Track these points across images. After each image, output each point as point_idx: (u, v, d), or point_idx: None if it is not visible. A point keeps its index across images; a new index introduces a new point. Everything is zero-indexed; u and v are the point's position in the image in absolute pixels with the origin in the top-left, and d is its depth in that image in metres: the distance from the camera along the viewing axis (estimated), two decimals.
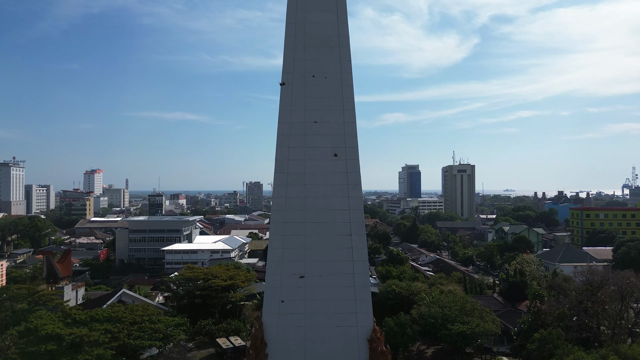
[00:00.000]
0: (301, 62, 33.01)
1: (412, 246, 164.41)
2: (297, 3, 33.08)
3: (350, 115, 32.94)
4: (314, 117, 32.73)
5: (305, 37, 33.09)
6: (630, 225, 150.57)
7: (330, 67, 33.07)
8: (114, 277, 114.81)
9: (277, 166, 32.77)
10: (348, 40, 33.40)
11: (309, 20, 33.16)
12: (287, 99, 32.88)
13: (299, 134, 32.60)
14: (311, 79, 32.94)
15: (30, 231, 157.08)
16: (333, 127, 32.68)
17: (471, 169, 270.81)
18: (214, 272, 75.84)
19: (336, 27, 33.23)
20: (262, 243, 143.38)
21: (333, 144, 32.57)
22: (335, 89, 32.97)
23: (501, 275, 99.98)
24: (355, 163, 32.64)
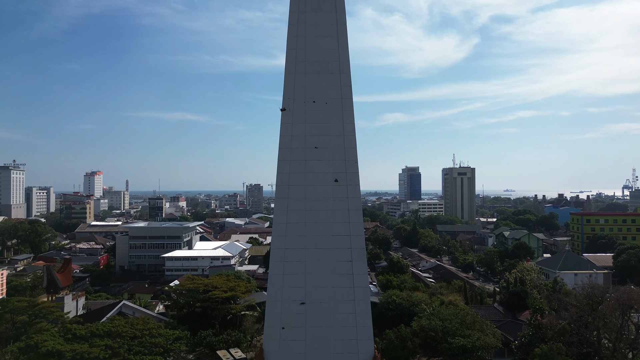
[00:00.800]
0: (302, 88, 33.04)
1: (413, 251, 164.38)
2: (298, 29, 33.10)
3: (351, 141, 32.96)
4: (314, 142, 32.75)
5: (306, 63, 33.12)
6: (630, 231, 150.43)
7: (331, 92, 33.10)
8: (114, 284, 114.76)
9: (278, 192, 32.79)
10: (348, 66, 33.42)
11: (310, 46, 33.20)
12: (288, 125, 32.92)
13: (300, 159, 32.62)
14: (312, 105, 32.98)
15: (30, 236, 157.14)
16: (334, 153, 32.70)
17: (471, 172, 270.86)
18: (214, 283, 75.86)
19: (336, 52, 33.25)
20: (263, 248, 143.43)
21: (334, 170, 32.59)
22: (336, 114, 33.00)
23: (501, 284, 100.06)
24: (356, 189, 32.66)
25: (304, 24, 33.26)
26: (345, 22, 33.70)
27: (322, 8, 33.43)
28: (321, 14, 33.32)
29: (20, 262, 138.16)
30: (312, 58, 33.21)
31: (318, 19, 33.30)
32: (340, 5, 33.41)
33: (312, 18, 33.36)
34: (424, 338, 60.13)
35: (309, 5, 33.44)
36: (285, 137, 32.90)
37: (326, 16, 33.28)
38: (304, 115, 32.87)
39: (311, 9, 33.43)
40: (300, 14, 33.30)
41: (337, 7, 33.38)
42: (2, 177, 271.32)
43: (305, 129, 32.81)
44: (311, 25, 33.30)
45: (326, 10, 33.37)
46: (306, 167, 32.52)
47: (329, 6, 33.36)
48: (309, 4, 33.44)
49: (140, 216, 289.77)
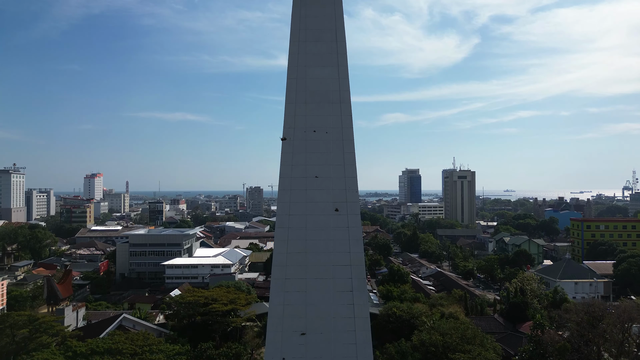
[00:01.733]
0: (302, 117, 33.02)
1: (413, 256, 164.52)
2: (299, 58, 33.11)
3: (351, 170, 32.94)
4: (315, 172, 32.73)
5: (306, 92, 33.10)
6: (630, 237, 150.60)
7: (331, 122, 33.08)
8: (114, 292, 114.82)
9: (279, 221, 32.77)
10: (349, 95, 33.43)
11: (310, 76, 33.17)
12: (289, 154, 32.88)
13: (300, 188, 32.60)
14: (312, 134, 32.95)
15: (30, 242, 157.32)
16: (334, 182, 32.67)
17: (472, 176, 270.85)
18: (214, 295, 76.03)
19: (337, 82, 33.23)
20: (263, 255, 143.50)
21: (334, 199, 32.55)
22: (337, 143, 32.98)
23: (502, 293, 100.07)
24: (357, 218, 32.64)
25: (305, 54, 33.25)
26: (346, 51, 33.70)
27: (322, 38, 33.41)
28: (321, 44, 33.31)
29: (21, 269, 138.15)
30: (313, 87, 33.19)
31: (318, 49, 33.28)
32: (340, 36, 33.39)
33: (313, 48, 33.34)
34: (425, 353, 60.23)
35: (309, 36, 33.42)
36: (286, 166, 32.87)
37: (326, 46, 33.27)
38: (305, 144, 32.84)
39: (312, 39, 33.41)
40: (301, 44, 33.29)
41: (337, 38, 33.36)
42: (3, 180, 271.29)
43: (306, 158, 32.78)
44: (312, 55, 33.28)
45: (326, 40, 33.35)
46: (307, 196, 32.50)
47: (329, 36, 33.34)
48: (310, 34, 33.42)
49: (140, 219, 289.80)
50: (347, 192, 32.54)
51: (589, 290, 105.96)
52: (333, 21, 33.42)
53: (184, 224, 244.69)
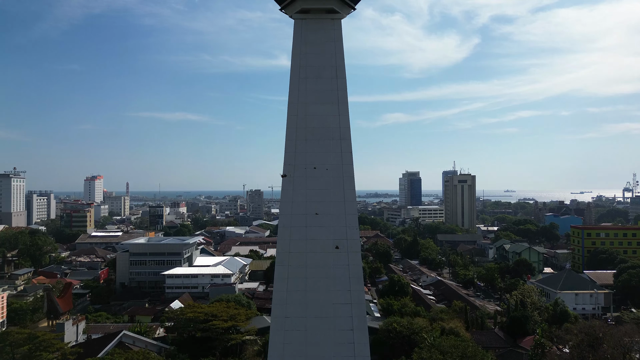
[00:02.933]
0: (302, 154, 32.98)
1: (413, 263, 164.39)
2: (299, 96, 33.05)
3: (352, 207, 32.90)
4: (315, 209, 32.69)
5: (306, 130, 33.06)
6: (631, 245, 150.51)
7: (332, 159, 33.04)
8: (114, 302, 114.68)
9: (279, 258, 32.75)
10: (349, 132, 33.38)
11: (310, 113, 33.14)
12: (289, 191, 32.86)
13: (301, 226, 32.56)
14: (312, 171, 32.91)
15: (31, 249, 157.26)
16: (334, 219, 32.63)
17: (472, 180, 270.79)
18: (214, 311, 75.91)
19: (337, 119, 33.19)
20: (263, 263, 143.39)
21: (335, 236, 32.51)
22: (337, 180, 32.94)
23: (503, 305, 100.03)
24: (357, 255, 32.59)
25: (305, 91, 33.20)
26: (346, 88, 33.63)
27: (322, 75, 33.37)
28: (321, 81, 33.26)
29: (21, 277, 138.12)
30: (313, 125, 33.15)
31: (319, 86, 33.23)
32: (340, 73, 33.35)
33: (313, 85, 33.29)
34: None
35: (309, 73, 33.37)
36: (286, 203, 32.86)
37: (327, 83, 33.22)
38: (305, 181, 32.82)
39: (312, 76, 33.36)
40: (301, 81, 33.24)
41: (337, 75, 33.31)
42: (3, 185, 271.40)
43: (306, 195, 32.76)
44: (312, 92, 33.23)
45: (327, 77, 33.30)
46: (307, 233, 32.46)
47: (329, 73, 33.30)
48: (310, 71, 33.37)
49: (140, 223, 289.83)
50: (348, 229, 32.49)
51: (590, 302, 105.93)
52: (334, 58, 33.37)
53: (184, 228, 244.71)
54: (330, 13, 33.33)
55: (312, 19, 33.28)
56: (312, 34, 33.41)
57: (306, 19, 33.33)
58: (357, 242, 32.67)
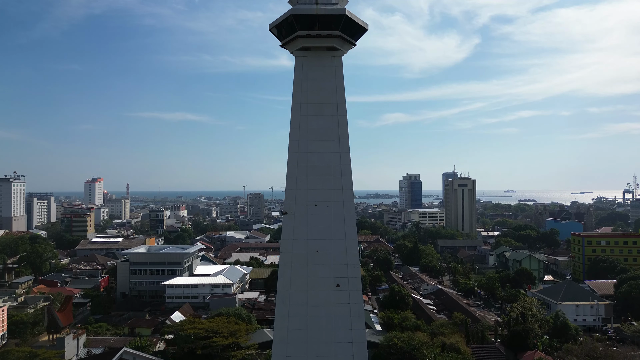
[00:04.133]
0: (303, 191, 32.93)
1: (414, 270, 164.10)
2: (300, 133, 32.99)
3: (353, 245, 32.84)
4: (316, 246, 32.65)
5: (307, 167, 33.01)
6: (631, 252, 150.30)
7: (333, 196, 33.00)
8: (114, 312, 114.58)
9: (279, 297, 32.69)
10: (350, 169, 33.29)
11: (311, 150, 33.09)
12: (290, 228, 32.81)
13: (301, 263, 32.52)
14: (313, 208, 32.89)
15: (31, 257, 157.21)
16: (335, 257, 32.59)
17: (472, 184, 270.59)
18: (214, 327, 75.79)
19: (338, 156, 33.14)
20: (263, 271, 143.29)
21: (335, 274, 32.48)
22: (338, 217, 32.89)
23: (503, 318, 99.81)
24: (358, 294, 32.53)
25: (306, 129, 33.16)
26: (347, 125, 33.56)
27: (323, 112, 33.32)
28: (323, 118, 33.22)
29: (21, 286, 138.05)
30: (314, 161, 33.10)
31: (320, 123, 33.21)
32: (341, 110, 33.28)
33: (314, 122, 33.25)
34: None
35: (310, 110, 33.32)
36: (287, 240, 32.80)
37: (328, 120, 33.18)
38: (306, 218, 32.79)
39: (313, 113, 33.32)
40: (302, 118, 33.19)
41: (338, 112, 33.26)
42: (3, 189, 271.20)
43: (307, 232, 32.72)
44: (313, 129, 33.21)
45: (328, 114, 33.25)
46: (307, 271, 32.43)
47: (330, 111, 33.25)
48: (311, 108, 33.32)
49: (140, 227, 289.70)
50: (349, 267, 32.45)
51: (590, 313, 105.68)
52: (334, 96, 33.30)
53: (185, 233, 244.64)
54: (330, 50, 33.25)
55: (312, 56, 33.19)
56: (312, 70, 33.36)
57: (307, 56, 33.25)
58: (358, 280, 32.62)
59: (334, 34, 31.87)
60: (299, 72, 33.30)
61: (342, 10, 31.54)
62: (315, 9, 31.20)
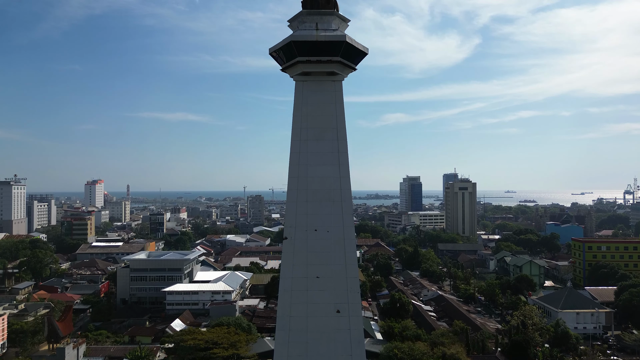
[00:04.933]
0: (303, 216, 32.83)
1: (414, 275, 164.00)
2: (300, 157, 32.89)
3: (353, 270, 32.74)
4: (316, 271, 32.56)
5: (307, 191, 32.91)
6: (632, 258, 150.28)
7: (333, 221, 32.90)
8: (115, 320, 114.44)
9: (279, 323, 32.59)
10: (350, 194, 33.20)
11: (312, 175, 32.98)
12: (290, 253, 32.73)
13: (301, 289, 32.41)
14: (313, 233, 32.78)
15: (31, 262, 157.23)
16: (335, 282, 32.49)
17: (472, 187, 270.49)
18: (214, 338, 75.77)
19: (338, 181, 33.03)
20: (263, 277, 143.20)
21: (336, 300, 32.38)
22: (338, 242, 32.79)
23: (504, 326, 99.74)
24: (358, 320, 32.43)
25: (306, 153, 33.07)
26: (347, 150, 33.46)
27: (323, 137, 33.22)
28: (323, 143, 33.13)
29: (22, 292, 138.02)
30: (314, 186, 33.01)
31: (320, 148, 33.11)
32: (341, 135, 33.19)
33: (314, 147, 33.16)
34: None
35: (310, 135, 33.24)
36: (287, 265, 32.70)
37: (328, 145, 33.09)
38: (306, 243, 32.69)
39: (313, 138, 33.23)
40: (302, 143, 33.10)
41: (338, 137, 33.17)
42: (4, 192, 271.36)
43: (307, 257, 32.63)
44: (313, 154, 33.11)
45: (328, 139, 33.16)
46: (307, 297, 32.33)
47: (330, 135, 33.16)
48: (311, 133, 33.24)
49: (141, 229, 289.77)
50: (349, 293, 32.34)
51: (591, 321, 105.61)
52: (334, 120, 33.20)
53: (185, 236, 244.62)
54: (330, 75, 33.15)
55: (313, 81, 33.09)
56: (313, 95, 33.25)
57: (307, 81, 33.16)
58: (358, 306, 32.52)
59: (334, 59, 31.77)
60: (299, 96, 33.20)
61: (343, 36, 31.41)
62: (316, 35, 31.08)
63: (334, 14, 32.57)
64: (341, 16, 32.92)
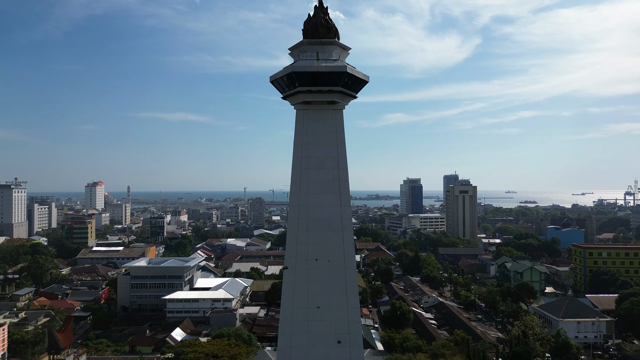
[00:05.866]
0: (304, 245, 32.70)
1: (414, 281, 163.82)
2: (301, 186, 32.78)
3: (354, 300, 32.62)
4: (317, 301, 32.43)
5: (308, 220, 32.80)
6: (633, 264, 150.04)
7: (334, 250, 32.78)
8: (115, 327, 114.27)
9: (280, 354, 32.49)
10: (351, 223, 33.10)
11: (312, 204, 32.88)
12: (290, 283, 32.61)
13: (302, 319, 32.30)
14: (314, 263, 32.66)
15: (32, 268, 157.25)
16: (336, 313, 32.37)
17: (473, 190, 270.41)
18: (215, 350, 75.73)
19: (339, 209, 32.91)
20: (264, 283, 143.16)
21: (337, 330, 32.25)
22: (339, 272, 32.68)
23: (505, 336, 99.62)
24: (359, 350, 32.31)
25: (307, 182, 32.97)
26: (347, 178, 33.35)
27: (324, 166, 33.13)
28: (324, 172, 33.03)
29: (22, 298, 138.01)
30: (315, 215, 32.90)
31: (321, 177, 33.01)
32: (342, 164, 33.09)
33: (315, 175, 33.06)
34: None
35: (311, 163, 33.12)
36: (288, 295, 32.59)
37: (328, 174, 32.98)
38: (306, 273, 32.58)
39: (314, 167, 33.12)
40: (303, 171, 33.00)
41: (339, 165, 33.06)
42: (4, 196, 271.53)
43: (308, 287, 32.51)
44: (314, 183, 33.00)
45: (329, 167, 33.07)
46: (308, 327, 32.21)
47: (331, 164, 33.06)
48: (312, 162, 33.13)
49: (141, 233, 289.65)
50: (350, 323, 32.22)
51: (592, 330, 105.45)
52: (335, 149, 33.08)
53: (185, 239, 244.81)
54: (331, 104, 33.04)
55: (313, 110, 32.98)
56: (314, 123, 33.14)
57: (308, 110, 33.05)
58: (359, 336, 32.41)
59: (335, 89, 31.66)
60: (300, 125, 33.08)
61: (344, 67, 31.24)
62: (316, 67, 30.92)
63: (335, 44, 32.46)
64: (342, 45, 32.78)
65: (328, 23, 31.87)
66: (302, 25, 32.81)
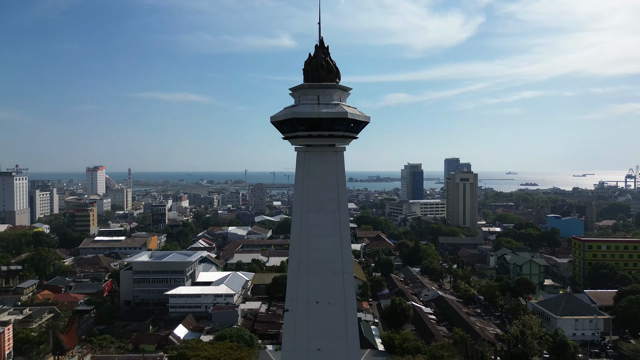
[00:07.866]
0: (305, 288, 32.77)
1: (414, 272, 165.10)
2: (301, 229, 32.64)
3: (354, 343, 32.83)
4: (317, 344, 32.64)
5: (309, 263, 32.78)
6: (632, 258, 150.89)
7: (334, 293, 32.85)
8: (119, 323, 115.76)
9: None
10: (352, 265, 33.07)
11: (313, 246, 32.80)
12: (291, 326, 32.76)
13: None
14: (315, 305, 32.76)
15: (35, 260, 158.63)
16: (337, 356, 32.59)
17: (474, 178, 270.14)
18: (217, 355, 76.73)
19: (340, 252, 32.86)
20: (265, 277, 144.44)
21: None
22: (339, 315, 32.80)
23: (504, 336, 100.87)
24: None
25: (307, 225, 32.82)
26: (348, 220, 33.22)
27: (325, 208, 32.94)
28: (324, 214, 32.86)
29: (26, 291, 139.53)
30: (315, 258, 32.87)
31: (321, 220, 32.86)
32: (342, 206, 32.89)
33: (315, 218, 32.90)
34: None
35: (312, 206, 32.94)
36: (288, 338, 32.79)
37: (329, 216, 32.83)
38: (307, 316, 32.71)
39: (314, 209, 32.95)
40: (304, 214, 32.83)
41: (340, 208, 32.88)
42: (6, 184, 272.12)
43: (309, 330, 32.68)
44: (314, 226, 32.85)
45: (329, 210, 32.89)
46: None
47: (331, 206, 32.86)
48: (312, 204, 32.93)
49: (143, 219, 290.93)
50: None
51: (590, 327, 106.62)
52: (335, 191, 32.85)
53: (187, 227, 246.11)
54: (332, 146, 32.67)
55: (314, 152, 32.64)
56: (314, 165, 32.85)
57: (309, 152, 32.71)
58: None
59: (336, 134, 31.30)
60: (301, 167, 32.79)
61: (344, 113, 30.74)
62: (317, 113, 30.42)
63: (336, 87, 31.91)
64: (342, 87, 32.21)
65: (329, 64, 31.27)
66: (303, 65, 32.21)
